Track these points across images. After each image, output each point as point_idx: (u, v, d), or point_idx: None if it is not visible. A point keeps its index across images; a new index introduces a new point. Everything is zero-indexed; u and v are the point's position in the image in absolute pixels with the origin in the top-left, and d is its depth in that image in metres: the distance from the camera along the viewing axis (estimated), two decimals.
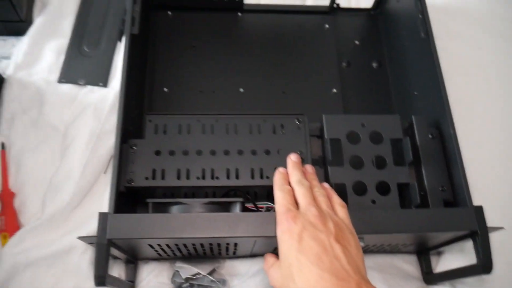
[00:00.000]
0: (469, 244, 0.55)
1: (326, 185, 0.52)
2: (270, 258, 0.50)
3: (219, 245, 0.53)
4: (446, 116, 0.55)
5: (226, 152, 0.54)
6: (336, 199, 0.50)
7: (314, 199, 0.48)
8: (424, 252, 0.63)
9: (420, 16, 0.61)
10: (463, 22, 0.83)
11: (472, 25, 0.83)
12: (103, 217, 0.47)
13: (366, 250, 0.60)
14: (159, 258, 0.60)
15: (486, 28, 0.83)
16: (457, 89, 0.66)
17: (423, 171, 0.55)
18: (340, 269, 0.42)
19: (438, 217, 0.50)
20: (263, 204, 0.55)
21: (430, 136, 0.57)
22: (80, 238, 0.50)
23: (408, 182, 0.55)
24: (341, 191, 0.53)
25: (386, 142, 0.56)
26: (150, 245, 0.51)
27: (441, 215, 0.51)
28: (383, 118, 0.57)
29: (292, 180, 0.50)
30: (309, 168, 0.53)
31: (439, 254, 0.64)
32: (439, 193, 0.54)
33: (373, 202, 0.53)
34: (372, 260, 0.62)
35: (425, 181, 0.54)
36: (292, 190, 0.49)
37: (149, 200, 0.53)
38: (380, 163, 0.55)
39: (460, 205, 0.53)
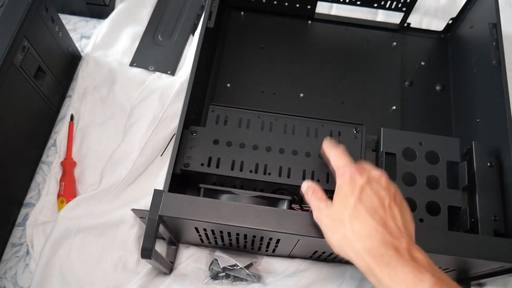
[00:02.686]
0: None
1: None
2: (321, 202, 0.46)
3: (261, 238, 0.54)
4: (508, 146, 0.54)
5: (281, 151, 0.56)
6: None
7: None
8: (465, 281, 0.61)
9: (494, 43, 0.61)
10: None
11: None
12: (158, 194, 0.49)
13: None
14: (199, 245, 0.62)
15: None
16: None
17: (477, 198, 0.54)
18: (394, 227, 0.42)
19: (488, 245, 0.49)
20: (308, 207, 0.56)
21: (488, 164, 0.56)
22: (134, 210, 0.53)
23: (460, 206, 0.54)
24: None
25: (442, 164, 0.55)
26: (196, 228, 0.53)
27: (491, 244, 0.49)
28: (442, 139, 0.57)
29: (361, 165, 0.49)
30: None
31: (481, 286, 0.62)
32: (490, 222, 0.53)
33: (421, 220, 0.53)
34: None
35: (478, 208, 0.53)
36: None
37: (201, 185, 0.55)
38: (432, 183, 0.55)
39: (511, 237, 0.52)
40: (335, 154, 0.49)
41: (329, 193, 0.52)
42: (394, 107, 0.72)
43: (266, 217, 0.48)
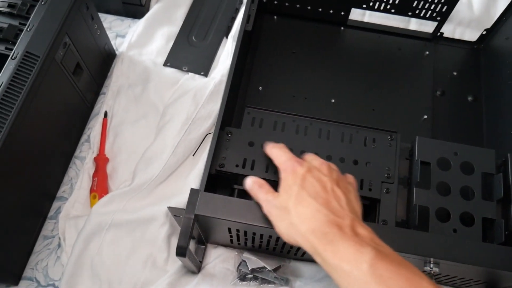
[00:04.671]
0: None
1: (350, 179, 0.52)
2: (269, 195, 0.47)
3: None
4: None
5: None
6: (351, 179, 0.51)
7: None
8: None
9: None
10: None
11: None
12: (194, 193, 0.50)
13: (436, 279, 0.59)
14: (227, 245, 0.63)
15: None
16: None
17: None
18: (337, 206, 0.44)
19: None
20: None
21: None
22: (170, 208, 0.53)
23: (494, 218, 0.53)
24: (424, 214, 0.53)
25: (477, 175, 0.55)
26: (229, 229, 0.54)
27: None
28: (477, 150, 0.57)
29: (304, 157, 0.51)
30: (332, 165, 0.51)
31: None
32: None
33: (455, 231, 0.53)
34: None
35: None
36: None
37: (236, 186, 0.56)
38: (467, 194, 0.55)
39: None
40: (276, 152, 0.51)
41: (368, 201, 0.52)
42: (426, 116, 0.72)
43: None
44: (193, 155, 0.68)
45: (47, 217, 0.65)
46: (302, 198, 0.44)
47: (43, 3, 0.58)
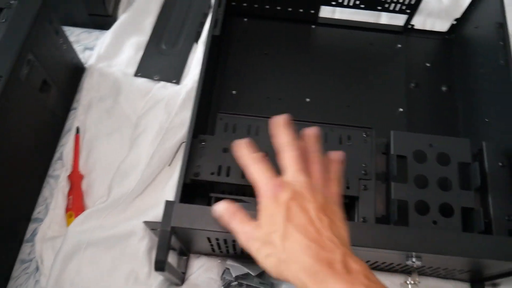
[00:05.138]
0: None
1: (335, 155, 0.49)
2: (246, 226, 0.44)
3: None
4: None
5: None
6: (333, 173, 0.48)
7: (309, 164, 0.47)
8: (478, 282, 0.61)
9: (501, 43, 0.60)
10: None
11: None
12: (169, 205, 0.49)
13: (420, 271, 0.59)
14: (210, 254, 0.62)
15: None
16: None
17: (490, 198, 0.53)
18: (326, 240, 0.41)
19: (503, 245, 0.49)
20: None
21: (500, 164, 0.55)
22: (145, 222, 0.52)
23: (473, 207, 0.53)
24: (403, 208, 0.53)
25: (453, 165, 0.55)
26: (208, 238, 0.53)
27: (505, 244, 0.49)
28: (452, 140, 0.57)
29: (281, 142, 0.47)
30: (313, 129, 0.49)
31: (494, 286, 0.61)
32: (504, 222, 0.53)
33: (435, 222, 0.52)
34: (424, 283, 0.61)
35: (491, 209, 0.53)
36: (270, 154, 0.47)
37: (212, 195, 0.55)
38: (444, 184, 0.54)
39: None
40: (255, 171, 0.46)
41: (347, 199, 0.52)
42: (401, 109, 0.72)
43: None
44: (169, 165, 0.67)
45: (23, 240, 0.63)
46: (289, 232, 0.41)
47: (3, 20, 0.57)
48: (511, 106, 0.57)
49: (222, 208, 0.46)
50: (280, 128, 0.48)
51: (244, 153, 0.48)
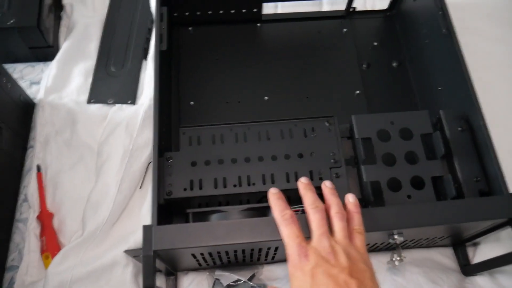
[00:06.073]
0: (504, 233, 0.56)
1: (351, 198, 0.50)
2: None
3: (260, 250, 0.54)
4: (475, 108, 0.56)
5: (260, 159, 0.56)
6: (356, 224, 0.48)
7: (331, 221, 0.48)
8: (460, 245, 0.63)
9: (440, 12, 0.62)
10: (477, 17, 0.84)
11: (486, 19, 0.84)
12: (147, 229, 0.48)
13: (404, 246, 0.60)
14: (197, 268, 0.61)
15: (499, 20, 0.84)
16: (478, 82, 0.66)
17: (456, 164, 0.55)
18: None
19: (476, 206, 0.51)
20: (298, 207, 0.56)
21: (459, 129, 0.57)
22: (126, 251, 0.51)
23: (442, 175, 0.55)
24: (377, 189, 0.54)
25: (417, 138, 0.57)
26: (193, 255, 0.52)
27: (478, 205, 0.51)
28: (411, 114, 0.58)
29: (307, 203, 0.49)
30: (328, 184, 0.52)
31: (475, 245, 0.64)
32: (473, 184, 0.54)
33: (409, 197, 0.54)
34: (410, 256, 0.62)
35: (459, 173, 0.55)
36: (302, 216, 0.49)
37: (189, 211, 0.54)
38: (412, 158, 0.56)
39: (496, 194, 0.53)
40: (282, 233, 0.47)
41: (318, 190, 0.52)
42: (358, 91, 0.73)
43: (261, 228, 0.48)
44: (140, 188, 0.66)
45: None
46: None
47: None
48: (460, 71, 0.59)
49: None
50: (303, 191, 0.51)
51: (276, 211, 0.49)
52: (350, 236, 0.47)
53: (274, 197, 0.50)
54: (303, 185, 0.51)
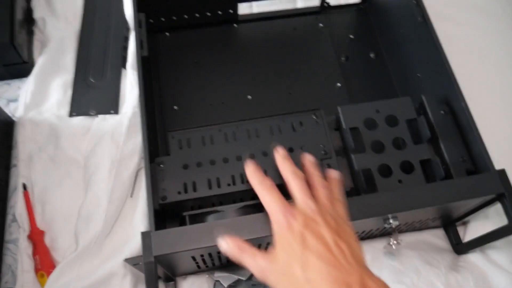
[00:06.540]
0: (492, 210, 0.58)
1: (332, 173, 0.51)
2: (259, 259, 0.45)
3: (259, 246, 0.54)
4: (455, 90, 0.57)
5: (252, 156, 0.56)
6: (336, 194, 0.49)
7: (313, 190, 0.48)
8: (450, 225, 0.65)
9: (414, 1, 0.64)
10: (451, 3, 0.86)
11: (460, 5, 0.87)
12: (146, 236, 0.48)
13: (398, 230, 0.61)
14: (196, 272, 0.61)
15: (473, 6, 0.87)
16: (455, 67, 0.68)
17: (442, 146, 0.57)
18: (345, 263, 0.42)
19: (464, 185, 0.52)
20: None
21: (442, 112, 0.59)
22: (126, 260, 0.51)
23: (429, 158, 0.56)
24: (369, 176, 0.55)
25: (402, 124, 0.58)
26: (193, 257, 0.52)
27: (467, 183, 0.52)
28: (395, 101, 0.59)
29: (286, 172, 0.49)
30: (308, 156, 0.52)
31: (465, 224, 0.66)
32: (460, 164, 0.56)
33: (400, 181, 0.55)
34: (404, 240, 0.63)
35: (445, 155, 0.56)
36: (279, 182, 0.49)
37: (185, 213, 0.54)
38: (399, 144, 0.57)
39: (482, 172, 0.55)
40: (263, 197, 0.48)
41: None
42: (339, 84, 0.74)
43: (260, 224, 0.48)
44: (131, 196, 0.65)
45: None
46: (309, 261, 0.42)
47: None
48: (438, 57, 0.60)
49: (229, 246, 0.46)
50: (281, 161, 0.51)
51: (255, 180, 0.49)
52: (332, 203, 0.48)
53: (250, 169, 0.50)
54: (280, 155, 0.51)
